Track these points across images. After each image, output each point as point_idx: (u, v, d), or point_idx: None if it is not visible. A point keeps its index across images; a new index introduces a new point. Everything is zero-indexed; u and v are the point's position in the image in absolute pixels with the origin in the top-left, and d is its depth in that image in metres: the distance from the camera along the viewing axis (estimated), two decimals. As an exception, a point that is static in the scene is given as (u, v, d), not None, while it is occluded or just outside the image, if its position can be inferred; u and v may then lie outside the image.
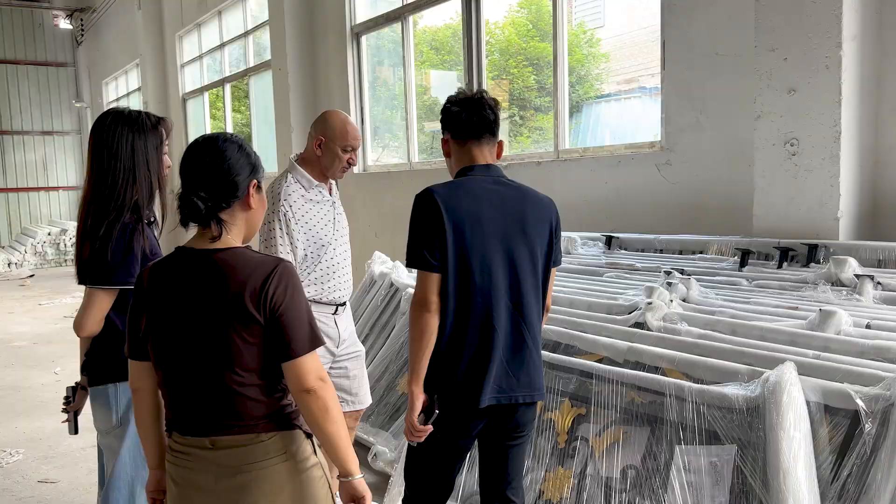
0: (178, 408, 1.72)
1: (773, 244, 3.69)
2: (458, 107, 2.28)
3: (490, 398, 2.19)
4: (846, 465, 2.32)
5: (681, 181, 4.67)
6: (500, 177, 2.29)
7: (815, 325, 2.93)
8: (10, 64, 18.40)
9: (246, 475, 1.67)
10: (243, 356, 1.66)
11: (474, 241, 2.15)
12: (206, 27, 12.18)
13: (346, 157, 2.93)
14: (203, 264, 1.68)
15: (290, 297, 1.68)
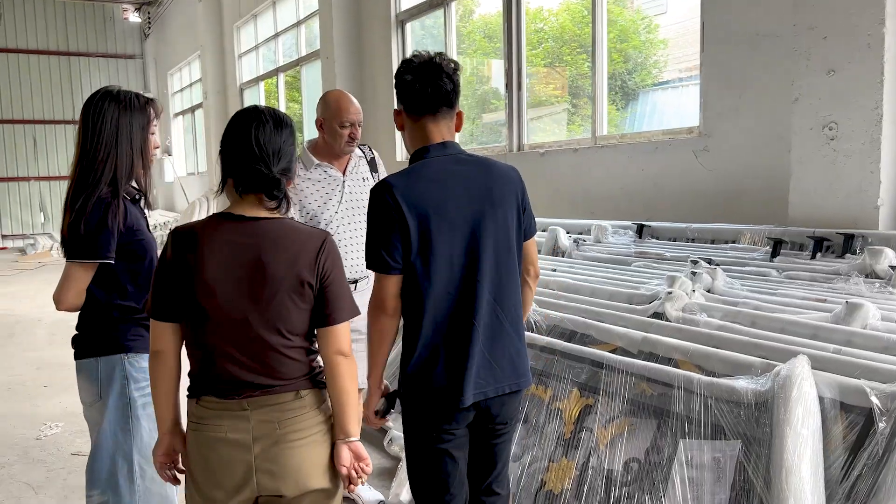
0: (216, 370, 1.74)
1: (808, 234, 3.50)
2: (411, 75, 2.03)
3: (473, 395, 2.06)
4: (857, 464, 2.18)
5: (718, 168, 4.49)
6: (458, 154, 2.08)
7: (841, 319, 2.78)
8: (83, 56, 19.19)
9: (284, 428, 1.74)
10: (294, 320, 1.75)
11: (442, 234, 1.98)
12: (262, 17, 12.40)
13: (346, 132, 2.98)
14: (249, 231, 1.74)
15: (336, 267, 1.81)
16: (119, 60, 19.78)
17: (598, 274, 4.06)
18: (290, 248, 1.74)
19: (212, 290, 1.71)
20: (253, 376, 1.72)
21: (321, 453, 1.79)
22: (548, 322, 3.52)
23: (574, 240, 4.71)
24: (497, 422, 2.19)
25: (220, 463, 1.72)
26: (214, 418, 1.73)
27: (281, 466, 1.73)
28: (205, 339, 1.74)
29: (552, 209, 5.78)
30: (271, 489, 1.73)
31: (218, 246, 1.72)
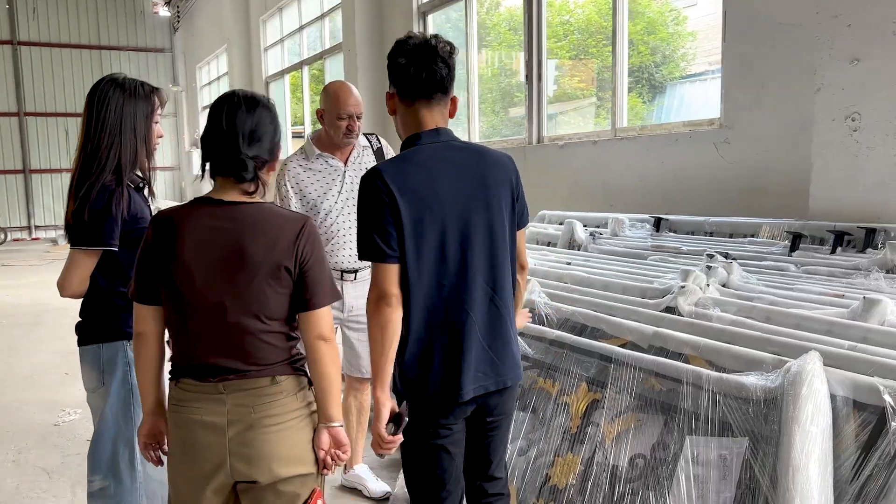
0: (194, 354, 1.75)
1: (828, 227, 3.41)
2: (405, 58, 1.96)
3: (473, 389, 2.01)
4: (868, 464, 2.11)
5: (739, 160, 4.40)
6: (451, 140, 2.02)
7: (858, 315, 2.70)
8: (113, 50, 19.48)
9: (258, 413, 1.73)
10: (272, 305, 1.74)
11: (434, 222, 1.92)
12: (287, 10, 12.45)
13: (344, 123, 3.01)
14: (228, 216, 1.73)
15: (316, 251, 1.79)
16: (149, 54, 20.04)
17: (613, 268, 4.01)
18: (269, 233, 1.73)
19: (189, 274, 1.71)
20: (229, 360, 1.72)
21: (296, 440, 1.78)
22: (559, 316, 3.47)
23: (591, 233, 4.64)
24: (495, 414, 2.15)
25: (197, 445, 1.73)
26: (192, 401, 1.74)
27: (254, 451, 1.72)
28: (183, 323, 1.75)
29: (571, 202, 5.72)
30: (244, 474, 1.73)
31: (196, 230, 1.73)
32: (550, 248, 4.75)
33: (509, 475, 2.99)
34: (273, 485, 1.75)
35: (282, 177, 3.10)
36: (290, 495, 1.77)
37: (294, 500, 1.78)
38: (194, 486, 1.75)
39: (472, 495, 2.28)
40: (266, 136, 1.77)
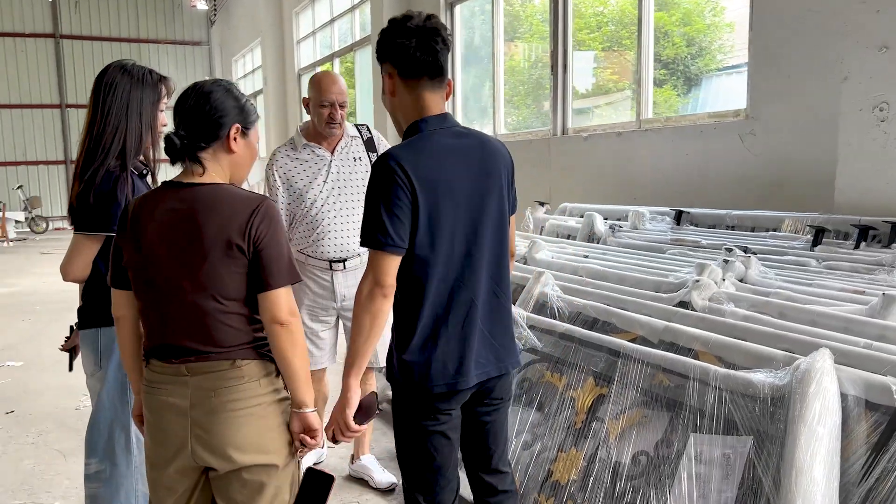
0: (159, 335, 1.76)
1: (853, 222, 3.29)
2: (408, 38, 1.89)
3: (476, 375, 1.99)
4: (877, 467, 2.03)
5: (765, 152, 4.27)
6: (454, 126, 1.99)
7: (876, 312, 2.59)
8: (152, 43, 19.81)
9: (219, 398, 1.71)
10: (226, 285, 1.71)
11: (448, 211, 1.89)
12: (319, 3, 12.50)
13: (325, 111, 3.01)
14: (183, 197, 1.73)
15: (272, 231, 1.73)
16: (186, 47, 20.34)
17: (630, 261, 3.92)
18: (223, 212, 1.71)
19: (152, 257, 1.72)
20: (190, 342, 1.71)
21: (258, 428, 1.74)
22: (571, 309, 3.42)
23: (610, 226, 4.56)
24: (492, 397, 2.12)
25: (163, 425, 1.74)
26: (160, 382, 1.74)
27: (212, 436, 1.71)
28: (148, 305, 1.76)
29: (594, 195, 5.63)
30: (204, 460, 1.72)
31: (157, 213, 1.73)
32: (569, 241, 4.67)
33: (514, 468, 2.95)
34: (238, 472, 1.73)
35: (270, 167, 3.12)
36: (255, 484, 1.75)
37: (259, 489, 1.76)
38: (159, 466, 1.76)
39: (479, 490, 2.24)
40: (202, 117, 1.74)
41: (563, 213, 5.36)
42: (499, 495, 2.23)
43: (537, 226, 5.29)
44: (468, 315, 1.97)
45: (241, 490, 1.76)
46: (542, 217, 5.32)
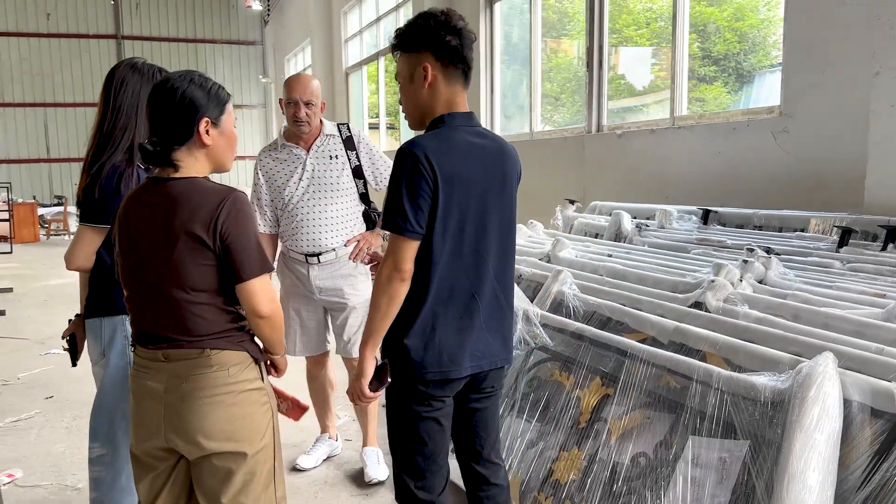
0: (140, 323, 1.84)
1: (881, 223, 3.16)
2: (453, 36, 1.94)
3: (470, 366, 2.04)
4: (877, 475, 1.95)
5: (798, 150, 4.14)
6: (477, 126, 2.05)
7: (893, 316, 2.49)
8: (209, 43, 20.36)
9: (189, 384, 1.77)
10: (194, 277, 1.76)
11: (461, 205, 1.94)
12: (366, 2, 12.62)
13: (291, 110, 3.11)
14: (160, 192, 1.79)
15: (239, 224, 1.77)
16: (241, 47, 20.82)
17: (652, 260, 3.86)
18: (189, 205, 1.75)
19: (135, 249, 1.80)
20: (166, 330, 1.78)
21: (226, 416, 1.79)
22: (586, 308, 3.38)
23: (637, 225, 4.49)
24: (482, 387, 2.15)
25: (142, 408, 1.81)
26: (143, 366, 1.82)
27: (183, 422, 1.76)
28: (131, 293, 1.83)
29: (627, 193, 5.55)
30: (175, 444, 1.78)
31: (138, 208, 1.80)
32: (595, 240, 4.62)
33: (517, 466, 2.94)
34: (207, 458, 1.79)
35: (256, 167, 3.26)
36: (223, 471, 1.80)
37: (228, 476, 1.80)
38: (138, 442, 1.84)
39: (471, 481, 2.26)
40: (170, 120, 1.79)
41: (594, 211, 5.30)
42: (491, 488, 2.25)
43: (567, 224, 5.25)
44: (468, 308, 2.02)
45: (211, 476, 1.81)
46: (571, 215, 5.28)
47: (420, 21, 2.00)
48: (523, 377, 3.26)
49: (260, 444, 1.85)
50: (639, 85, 8.34)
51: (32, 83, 18.76)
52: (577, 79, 9.08)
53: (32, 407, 4.47)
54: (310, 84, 3.12)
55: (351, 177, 3.23)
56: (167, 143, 1.79)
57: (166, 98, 1.79)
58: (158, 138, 1.79)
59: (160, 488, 1.87)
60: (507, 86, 8.42)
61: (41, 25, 18.96)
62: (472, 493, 2.26)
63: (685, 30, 5.23)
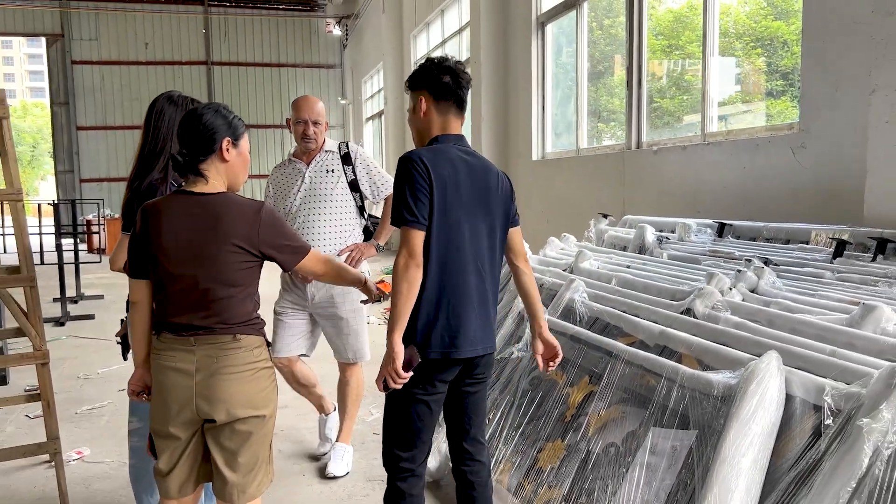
0: (174, 313, 2.17)
1: (873, 235, 3.27)
2: (444, 74, 2.36)
3: (468, 350, 2.33)
4: (802, 461, 2.12)
5: (814, 165, 4.24)
6: (468, 148, 2.43)
7: (855, 321, 2.62)
8: (290, 67, 21.40)
9: (220, 363, 2.13)
10: (231, 276, 2.14)
11: (451, 204, 2.28)
12: (433, 26, 13.10)
13: (300, 128, 3.47)
14: (198, 203, 2.16)
15: (274, 229, 2.19)
16: (321, 70, 21.78)
17: (664, 271, 4.03)
18: (228, 217, 2.12)
19: (168, 252, 2.13)
20: (199, 320, 2.12)
21: (250, 388, 2.14)
22: (590, 313, 3.61)
23: (658, 238, 4.66)
24: (475, 373, 2.44)
25: (170, 386, 2.14)
26: (169, 350, 2.15)
27: (214, 394, 2.11)
28: (164, 290, 2.17)
29: (662, 207, 5.70)
30: (206, 412, 2.12)
31: (172, 217, 2.14)
32: (618, 252, 4.81)
33: (510, 455, 3.19)
34: (231, 423, 2.13)
35: (268, 181, 3.72)
36: (244, 433, 2.15)
37: (247, 437, 2.15)
38: (164, 419, 2.16)
39: (457, 457, 2.55)
40: (197, 136, 2.15)
41: (625, 224, 5.48)
42: (475, 464, 2.53)
43: (599, 237, 5.45)
44: (463, 297, 2.33)
45: (233, 438, 2.16)
46: (602, 229, 5.47)
47: (422, 65, 2.44)
48: (525, 377, 3.51)
49: (271, 410, 2.22)
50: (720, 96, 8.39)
51: (132, 107, 20.22)
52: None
53: (106, 398, 5.02)
54: (316, 105, 3.49)
55: (347, 190, 3.54)
56: (194, 155, 2.16)
57: (195, 120, 2.17)
58: (187, 151, 2.17)
59: (179, 457, 2.21)
60: (557, 104, 8.67)
61: (140, 54, 20.48)
62: (457, 468, 2.55)
63: (715, 45, 5.38)
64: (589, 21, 7.80)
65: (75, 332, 7.40)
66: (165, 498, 2.25)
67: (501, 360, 3.76)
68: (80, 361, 6.14)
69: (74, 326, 7.74)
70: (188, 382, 2.13)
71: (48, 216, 13.54)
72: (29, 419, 4.54)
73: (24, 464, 3.77)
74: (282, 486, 3.50)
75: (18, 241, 3.18)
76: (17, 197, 3.16)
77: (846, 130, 4.00)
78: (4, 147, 3.18)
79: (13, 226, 3.21)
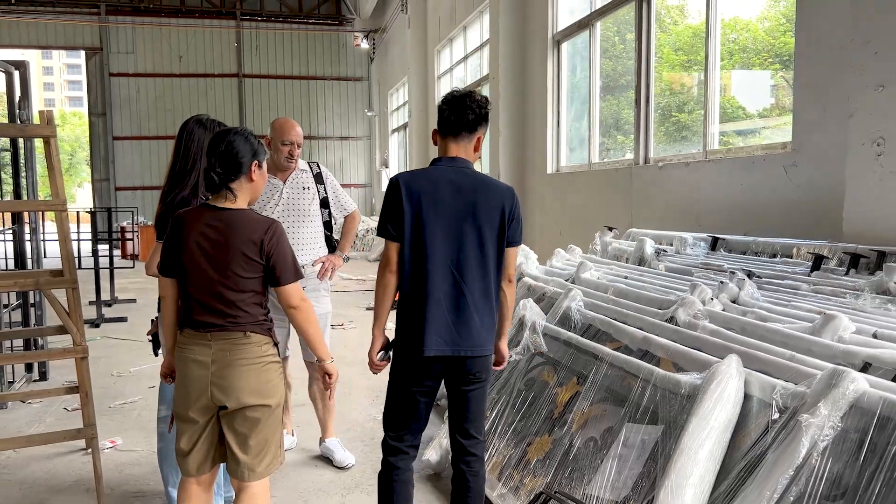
0: (193, 312, 2.49)
1: (846, 250, 3.50)
2: (445, 105, 2.64)
3: (435, 349, 2.60)
4: (752, 451, 2.37)
5: (804, 183, 4.46)
6: (461, 168, 2.64)
7: (816, 329, 2.85)
8: (319, 80, 21.92)
9: (233, 356, 2.44)
10: (244, 282, 2.45)
11: (428, 220, 2.55)
12: (456, 41, 13.45)
13: (286, 149, 3.72)
14: (219, 218, 2.48)
15: (280, 246, 2.48)
16: (349, 83, 22.26)
17: (658, 282, 4.28)
18: (242, 231, 2.42)
19: (191, 258, 2.45)
20: (216, 318, 2.44)
21: (259, 379, 2.45)
22: (584, 320, 3.87)
23: (657, 250, 4.90)
24: (471, 376, 2.69)
25: (189, 375, 2.45)
26: (189, 344, 2.47)
27: (227, 382, 2.41)
28: (186, 291, 2.48)
29: (667, 220, 5.93)
30: (219, 400, 2.42)
31: (197, 227, 2.45)
32: (618, 263, 5.06)
33: (503, 449, 3.45)
34: (242, 410, 2.44)
35: None
36: (253, 420, 2.46)
37: (256, 423, 2.46)
38: (185, 405, 2.48)
39: (456, 450, 2.82)
40: (231, 158, 2.45)
41: (628, 237, 5.72)
42: (469, 457, 2.80)
43: (604, 249, 5.70)
44: (435, 301, 2.60)
45: (244, 423, 2.46)
46: (607, 241, 5.72)
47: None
48: (521, 378, 3.78)
49: (278, 399, 2.52)
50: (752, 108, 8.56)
51: (165, 118, 20.87)
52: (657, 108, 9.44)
53: (137, 394, 5.38)
54: (297, 128, 3.79)
55: (318, 206, 3.86)
56: (227, 175, 2.47)
57: (229, 146, 2.47)
58: (222, 171, 2.47)
59: (197, 439, 2.52)
60: (571, 120, 8.93)
61: (174, 67, 21.14)
62: (455, 459, 2.82)
63: (717, 65, 5.59)
64: (612, 35, 8.06)
65: (109, 333, 7.81)
66: (186, 475, 2.56)
67: (501, 363, 4.03)
68: (113, 360, 6.53)
69: (108, 328, 8.15)
70: (205, 372, 2.44)
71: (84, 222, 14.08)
72: (67, 411, 4.91)
73: (63, 451, 4.12)
74: (294, 475, 3.80)
75: (62, 247, 3.53)
76: (62, 207, 3.51)
77: (832, 151, 4.21)
78: (51, 162, 3.54)
79: (58, 233, 3.56)
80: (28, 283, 3.50)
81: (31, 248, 5.52)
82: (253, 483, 2.49)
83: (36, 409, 5.00)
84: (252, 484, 2.49)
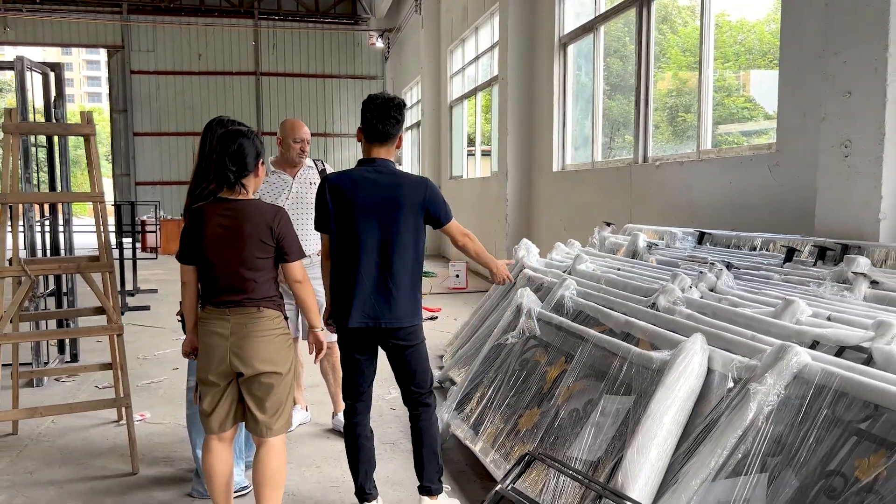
0: (214, 292, 2.85)
1: (815, 243, 3.80)
2: (370, 113, 2.98)
3: (358, 322, 3.01)
4: (706, 420, 2.69)
5: (787, 182, 4.75)
6: (379, 167, 3.00)
7: (777, 313, 3.16)
8: (334, 78, 22.32)
9: (249, 328, 2.81)
10: (258, 263, 2.83)
11: (348, 213, 2.97)
12: (468, 41, 13.76)
13: (297, 146, 4.09)
14: (236, 208, 2.84)
15: (287, 228, 2.88)
16: (363, 81, 22.63)
17: (647, 273, 4.59)
18: (254, 218, 2.79)
19: (210, 245, 2.81)
20: (233, 296, 2.80)
21: (272, 348, 2.81)
22: (575, 306, 4.20)
23: (648, 244, 5.21)
24: (399, 341, 3.11)
25: (211, 346, 2.81)
26: (210, 319, 2.83)
27: (243, 351, 2.77)
28: (207, 273, 2.84)
29: (663, 216, 6.23)
30: (236, 367, 2.78)
31: (213, 217, 2.82)
32: (612, 256, 5.38)
33: (498, 422, 3.79)
34: (257, 376, 2.79)
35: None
36: (267, 385, 2.82)
37: (270, 388, 2.82)
38: (207, 370, 2.84)
39: (407, 400, 3.26)
40: (243, 158, 2.82)
41: (625, 232, 6.03)
42: (420, 407, 3.24)
43: (601, 243, 6.02)
44: (357, 281, 3.02)
45: (260, 388, 2.83)
46: (604, 235, 6.04)
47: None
48: (517, 359, 4.11)
49: (288, 367, 2.88)
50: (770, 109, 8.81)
51: (184, 115, 21.38)
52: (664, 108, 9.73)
53: (162, 374, 5.77)
54: (305, 127, 4.14)
55: None
56: (240, 173, 2.85)
57: (240, 148, 2.84)
58: (236, 170, 2.85)
59: (219, 400, 2.88)
60: (576, 120, 9.23)
61: (193, 64, 21.62)
62: (407, 405, 3.27)
63: (710, 66, 5.87)
64: (622, 35, 8.34)
65: (133, 321, 8.22)
66: (209, 433, 2.92)
67: (499, 346, 4.37)
68: (138, 345, 6.93)
69: (132, 316, 8.56)
70: (224, 343, 2.80)
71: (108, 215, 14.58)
72: (98, 389, 5.30)
73: (98, 422, 4.51)
74: (309, 444, 4.16)
75: (99, 235, 3.91)
76: (100, 199, 3.90)
77: (809, 153, 4.51)
78: (91, 158, 3.92)
79: (95, 221, 3.94)
80: (70, 266, 3.88)
81: (65, 237, 5.91)
82: (271, 438, 2.85)
83: (69, 386, 5.39)
84: (271, 439, 2.85)
